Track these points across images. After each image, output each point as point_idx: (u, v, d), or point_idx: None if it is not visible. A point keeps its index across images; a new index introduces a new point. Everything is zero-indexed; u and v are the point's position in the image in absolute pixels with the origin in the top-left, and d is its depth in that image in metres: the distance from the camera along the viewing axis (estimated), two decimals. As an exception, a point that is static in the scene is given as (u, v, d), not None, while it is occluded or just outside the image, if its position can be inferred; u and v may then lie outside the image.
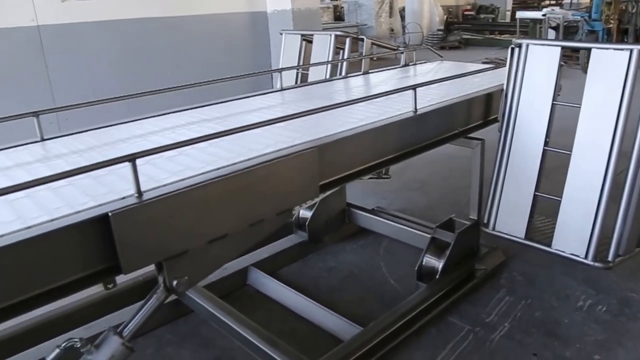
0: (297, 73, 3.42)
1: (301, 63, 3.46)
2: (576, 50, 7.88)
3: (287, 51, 3.55)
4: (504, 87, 2.52)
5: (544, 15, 9.56)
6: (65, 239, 1.22)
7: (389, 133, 2.05)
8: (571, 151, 2.30)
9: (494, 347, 2.28)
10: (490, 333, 2.37)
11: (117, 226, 1.24)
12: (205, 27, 5.97)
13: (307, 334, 2.38)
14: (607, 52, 2.19)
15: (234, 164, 1.56)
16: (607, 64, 2.20)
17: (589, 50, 2.29)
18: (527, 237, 2.44)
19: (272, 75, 6.05)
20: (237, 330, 2.16)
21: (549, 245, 2.36)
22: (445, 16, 15.78)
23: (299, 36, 3.45)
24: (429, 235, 2.73)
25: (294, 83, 3.36)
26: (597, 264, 2.24)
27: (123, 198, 1.31)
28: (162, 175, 1.48)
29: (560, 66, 2.35)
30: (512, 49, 2.49)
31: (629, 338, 2.30)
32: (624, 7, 8.78)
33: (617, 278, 2.75)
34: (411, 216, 3.26)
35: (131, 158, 1.30)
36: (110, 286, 1.31)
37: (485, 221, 2.58)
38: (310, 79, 3.32)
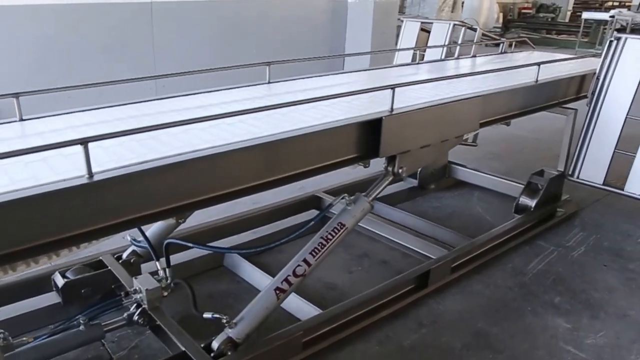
0: (415, 54, 4.27)
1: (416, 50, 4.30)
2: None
3: (405, 36, 4.41)
4: (597, 71, 3.32)
5: (611, 16, 10.06)
6: (348, 132, 2.11)
7: (520, 94, 2.91)
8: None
9: (574, 259, 3.12)
10: (570, 252, 3.20)
11: (385, 127, 2.13)
12: (289, 10, 6.74)
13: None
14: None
15: (434, 102, 2.43)
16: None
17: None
18: (604, 184, 3.26)
19: (344, 59, 6.82)
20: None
21: (622, 189, 3.18)
22: (501, 13, 16.21)
23: (419, 23, 4.30)
24: (516, 184, 3.59)
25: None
26: (658, 204, 3.05)
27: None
28: (402, 101, 2.35)
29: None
30: (611, 42, 3.28)
31: (677, 262, 3.11)
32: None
33: (669, 226, 3.54)
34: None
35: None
36: (367, 165, 2.22)
37: (571, 172, 3.40)
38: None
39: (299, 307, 2.38)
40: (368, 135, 2.16)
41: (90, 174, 1.47)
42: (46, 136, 1.94)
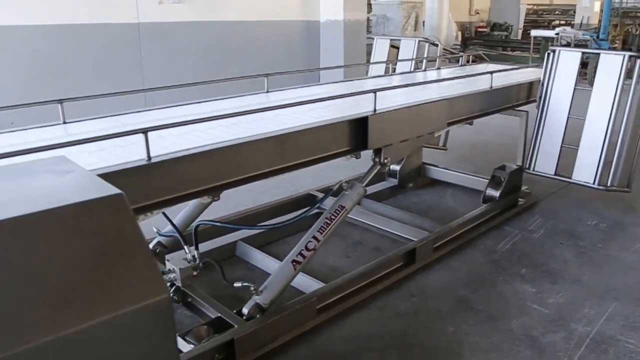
0: (387, 68, 4.75)
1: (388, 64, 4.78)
2: (585, 65, 9.25)
3: (377, 52, 4.89)
4: (541, 78, 3.85)
5: (557, 34, 10.96)
6: (343, 128, 2.52)
7: (478, 98, 3.39)
8: (585, 118, 3.64)
9: (535, 240, 3.60)
10: (531, 234, 3.68)
11: (370, 124, 2.55)
12: (267, 31, 7.19)
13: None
14: (610, 55, 3.55)
15: (409, 104, 2.87)
16: (610, 63, 3.54)
17: (598, 55, 3.64)
18: (555, 174, 3.77)
19: (319, 73, 7.27)
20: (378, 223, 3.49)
21: (570, 178, 3.69)
22: (459, 32, 17.20)
23: (388, 40, 4.79)
24: (483, 180, 4.07)
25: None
26: (599, 187, 3.57)
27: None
28: (383, 105, 2.76)
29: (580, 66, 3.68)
30: (548, 54, 3.82)
31: (619, 238, 3.62)
32: (628, 29, 10.19)
33: (613, 211, 4.07)
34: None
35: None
36: (358, 156, 2.63)
37: (527, 165, 3.90)
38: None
39: (308, 284, 2.74)
40: (357, 131, 2.59)
41: (149, 157, 1.82)
42: (89, 135, 2.26)
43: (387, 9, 12.36)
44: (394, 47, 4.79)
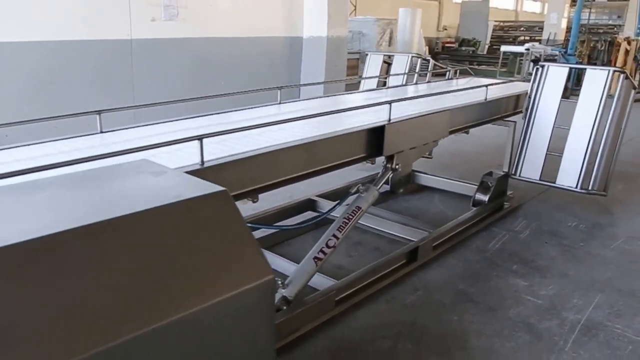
0: (378, 82, 5.04)
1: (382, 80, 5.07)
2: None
3: (370, 67, 5.18)
4: (529, 91, 4.20)
5: (527, 49, 11.57)
6: (362, 136, 2.77)
7: (475, 109, 3.71)
8: (569, 127, 3.99)
9: (522, 239, 3.91)
10: (518, 234, 3.99)
11: (386, 132, 2.80)
12: (252, 47, 7.41)
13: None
14: (596, 71, 3.92)
15: (418, 114, 3.14)
16: (595, 78, 3.90)
17: (584, 70, 4.02)
18: (540, 179, 4.10)
19: (299, 89, 7.49)
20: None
21: (554, 182, 4.03)
22: (427, 47, 17.82)
23: (382, 56, 5.09)
24: (468, 185, 4.39)
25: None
26: (582, 191, 3.92)
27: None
28: (397, 114, 3.02)
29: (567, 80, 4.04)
30: (537, 68, 4.17)
31: (598, 237, 3.97)
32: (593, 45, 10.86)
33: (591, 213, 4.43)
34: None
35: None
36: (373, 162, 2.88)
37: (514, 172, 4.23)
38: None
39: (320, 281, 2.94)
40: (374, 139, 2.83)
41: (202, 162, 2.02)
42: (125, 144, 2.44)
43: (363, 25, 12.77)
44: (385, 62, 5.08)
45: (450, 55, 17.64)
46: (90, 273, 1.16)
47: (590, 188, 3.95)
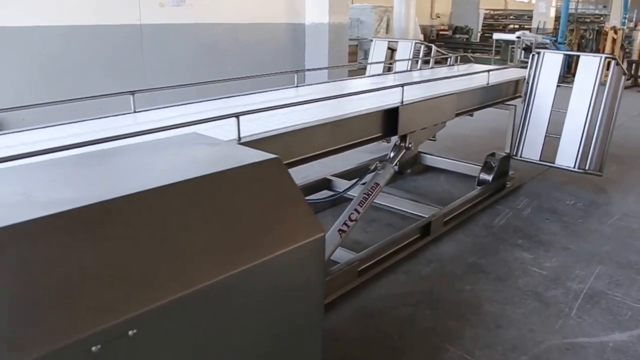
0: (383, 67, 5.19)
1: (387, 65, 5.22)
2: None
3: (375, 52, 5.32)
4: (527, 76, 4.38)
5: (518, 37, 11.77)
6: (378, 116, 2.93)
7: (478, 93, 3.88)
8: (566, 110, 4.19)
9: (524, 216, 4.11)
10: (521, 212, 4.20)
11: (400, 113, 2.97)
12: (257, 33, 7.58)
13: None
14: (589, 57, 4.11)
15: (429, 96, 3.31)
16: (589, 64, 4.09)
17: (578, 57, 4.20)
18: (540, 159, 4.30)
19: (305, 73, 7.61)
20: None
21: (553, 163, 4.24)
22: (422, 34, 17.95)
23: (386, 42, 5.23)
24: (472, 166, 4.58)
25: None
26: (579, 170, 4.12)
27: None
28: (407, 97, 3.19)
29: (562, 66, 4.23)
30: (533, 55, 4.35)
31: (595, 214, 4.19)
32: (582, 34, 11.09)
33: (587, 193, 4.65)
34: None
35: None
36: (388, 141, 3.04)
37: (515, 153, 4.43)
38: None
39: (340, 254, 3.11)
40: (389, 120, 2.99)
41: (239, 138, 2.17)
42: (161, 122, 2.57)
43: (361, 12, 12.87)
44: (390, 48, 5.23)
45: (444, 43, 17.76)
46: (171, 226, 1.31)
47: (587, 168, 4.15)
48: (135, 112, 2.73)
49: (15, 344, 0.90)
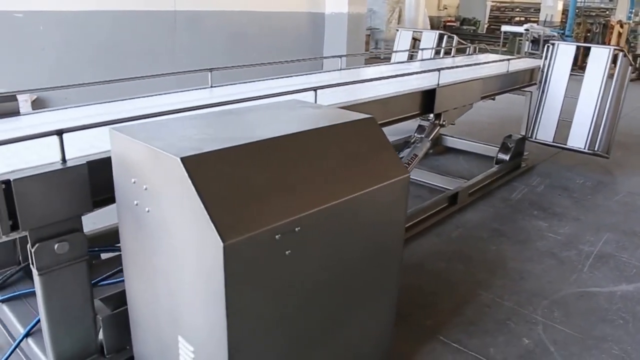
0: (408, 55, 5.58)
1: (409, 53, 5.62)
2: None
3: (400, 41, 5.72)
4: (542, 66, 4.78)
5: (526, 30, 12.14)
6: (418, 96, 3.34)
7: (500, 79, 4.30)
8: (578, 97, 4.61)
9: (539, 192, 4.54)
10: (535, 188, 4.63)
11: (437, 94, 3.38)
12: (279, 23, 7.93)
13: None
14: (599, 49, 4.52)
15: (460, 80, 3.72)
16: (599, 55, 4.50)
17: (588, 47, 4.61)
18: (553, 141, 4.73)
19: (322, 62, 8.02)
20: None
21: (565, 144, 4.66)
22: (430, 26, 18.30)
23: (411, 32, 5.63)
24: (489, 147, 5.00)
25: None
26: (589, 151, 4.55)
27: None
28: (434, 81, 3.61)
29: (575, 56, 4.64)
30: (548, 46, 4.76)
31: (602, 192, 4.62)
32: (588, 28, 11.48)
33: (595, 173, 5.08)
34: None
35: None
36: (424, 118, 3.46)
37: (530, 135, 4.85)
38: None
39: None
40: (426, 99, 3.41)
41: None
42: (233, 96, 2.97)
43: (373, 3, 13.20)
44: (414, 38, 5.63)
45: (453, 34, 18.10)
46: (308, 160, 1.70)
47: (596, 149, 4.58)
48: (211, 86, 3.14)
49: (226, 227, 1.32)
